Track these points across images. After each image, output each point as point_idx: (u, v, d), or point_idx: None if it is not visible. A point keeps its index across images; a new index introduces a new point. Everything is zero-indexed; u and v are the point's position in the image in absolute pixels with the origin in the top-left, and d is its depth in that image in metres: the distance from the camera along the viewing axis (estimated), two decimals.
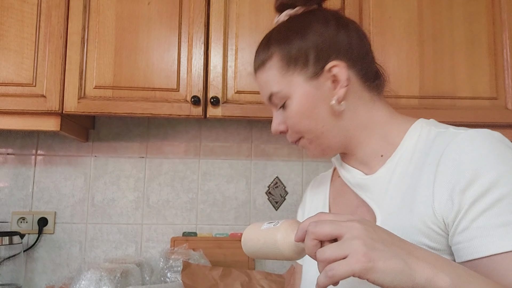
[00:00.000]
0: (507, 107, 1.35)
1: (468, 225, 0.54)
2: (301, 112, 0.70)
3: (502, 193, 0.53)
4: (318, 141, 0.71)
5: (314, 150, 0.73)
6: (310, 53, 0.69)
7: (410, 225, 0.60)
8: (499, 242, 0.51)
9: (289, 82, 0.70)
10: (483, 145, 0.58)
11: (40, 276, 1.57)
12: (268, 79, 0.72)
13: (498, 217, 0.52)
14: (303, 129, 0.71)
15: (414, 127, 0.69)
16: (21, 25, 1.31)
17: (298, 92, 0.69)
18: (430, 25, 1.37)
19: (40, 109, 1.28)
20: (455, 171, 0.57)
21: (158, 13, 1.35)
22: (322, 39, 0.69)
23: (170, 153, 1.65)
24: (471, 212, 0.54)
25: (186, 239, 1.57)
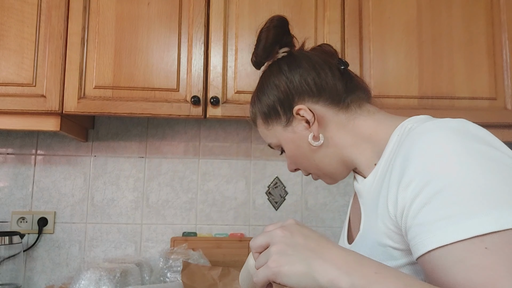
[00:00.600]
0: (506, 107, 1.36)
1: (411, 222, 0.53)
2: (292, 155, 0.78)
3: (439, 186, 0.51)
4: (320, 172, 0.78)
5: (326, 180, 0.80)
6: (276, 105, 0.76)
7: (375, 228, 0.61)
8: (435, 238, 0.49)
9: (274, 133, 0.79)
10: (430, 139, 0.55)
11: (40, 275, 1.57)
12: (262, 133, 0.82)
13: (435, 212, 0.50)
14: (302, 167, 0.80)
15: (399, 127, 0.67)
16: (21, 25, 1.31)
17: (282, 140, 0.78)
18: (429, 26, 1.37)
19: (40, 109, 1.28)
20: (402, 167, 0.56)
21: (158, 13, 1.35)
22: (280, 90, 0.76)
23: (170, 153, 1.65)
24: (412, 209, 0.53)
25: (185, 239, 1.57)
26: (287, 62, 0.77)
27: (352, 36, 1.36)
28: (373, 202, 0.65)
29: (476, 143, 0.54)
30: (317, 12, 1.37)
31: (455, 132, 0.55)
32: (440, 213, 0.50)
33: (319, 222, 1.65)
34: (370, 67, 1.36)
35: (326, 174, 0.78)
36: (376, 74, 1.36)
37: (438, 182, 0.51)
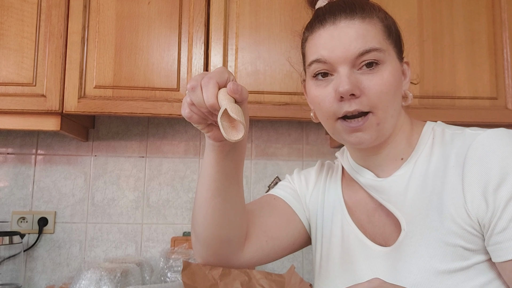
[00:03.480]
0: (507, 107, 1.35)
1: (506, 224, 0.55)
2: (390, 83, 0.65)
3: None
4: (385, 124, 0.66)
5: (374, 134, 0.66)
6: (399, 39, 0.71)
7: (442, 227, 0.60)
8: None
9: (387, 49, 0.67)
10: (505, 143, 0.58)
11: (40, 275, 1.57)
12: (370, 34, 0.65)
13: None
14: (383, 101, 0.64)
15: (426, 129, 0.70)
16: (21, 24, 1.31)
17: (392, 63, 0.67)
18: (430, 25, 1.37)
19: (40, 109, 1.28)
20: (483, 170, 0.58)
21: (158, 12, 1.35)
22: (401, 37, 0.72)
23: (170, 152, 1.65)
24: (508, 211, 0.55)
25: (186, 238, 1.57)
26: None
27: None
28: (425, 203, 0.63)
29: None
30: None
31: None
32: None
33: None
34: None
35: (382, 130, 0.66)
36: None
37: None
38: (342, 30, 0.64)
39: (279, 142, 1.67)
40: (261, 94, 1.33)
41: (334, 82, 0.65)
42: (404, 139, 0.70)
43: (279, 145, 1.67)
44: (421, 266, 0.61)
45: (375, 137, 0.66)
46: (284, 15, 1.36)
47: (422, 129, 0.70)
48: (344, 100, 0.63)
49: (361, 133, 0.65)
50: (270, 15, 1.36)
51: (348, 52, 0.64)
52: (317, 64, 0.66)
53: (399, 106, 0.68)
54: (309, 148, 1.67)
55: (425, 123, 0.72)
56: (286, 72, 1.34)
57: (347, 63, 0.64)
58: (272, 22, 1.36)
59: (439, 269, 0.59)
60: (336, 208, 0.77)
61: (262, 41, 1.35)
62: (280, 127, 1.68)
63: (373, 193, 0.69)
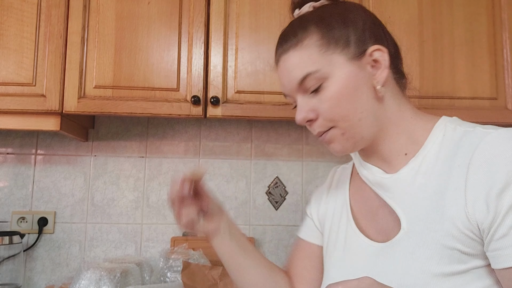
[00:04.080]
0: (507, 107, 1.35)
1: (507, 231, 0.53)
2: (341, 94, 0.65)
3: None
4: (353, 131, 0.66)
5: (345, 143, 0.68)
6: (352, 34, 0.66)
7: (441, 229, 0.59)
8: None
9: (329, 61, 0.65)
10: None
11: (40, 275, 1.57)
12: (303, 59, 0.66)
13: None
14: (340, 114, 0.65)
15: (438, 125, 0.67)
16: (21, 24, 1.31)
17: (339, 73, 0.65)
18: (430, 25, 1.37)
19: (40, 109, 1.28)
20: (488, 173, 0.55)
21: (158, 12, 1.35)
22: (362, 24, 0.68)
23: (170, 152, 1.65)
24: (509, 218, 0.53)
25: (186, 238, 1.57)
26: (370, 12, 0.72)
27: None
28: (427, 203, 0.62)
29: None
30: None
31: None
32: None
33: None
34: None
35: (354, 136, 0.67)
36: None
37: None
38: (282, 67, 0.70)
39: (279, 142, 1.67)
40: (261, 94, 1.33)
41: None
42: (402, 133, 0.68)
43: (279, 145, 1.67)
44: (417, 267, 0.60)
45: (349, 145, 0.68)
46: (284, 15, 1.36)
47: (434, 125, 0.67)
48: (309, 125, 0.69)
49: (332, 144, 0.69)
50: (270, 15, 1.36)
51: (292, 84, 0.68)
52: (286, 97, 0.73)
53: (369, 105, 0.66)
54: (309, 148, 1.67)
55: (439, 118, 0.69)
56: None
57: (297, 93, 0.69)
58: (272, 22, 1.36)
59: (436, 272, 0.58)
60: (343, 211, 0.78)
61: (262, 41, 1.35)
62: (280, 127, 1.68)
63: (378, 190, 0.69)
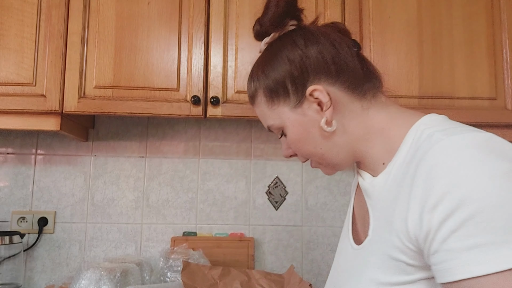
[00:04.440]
0: (506, 107, 1.36)
1: (438, 247, 0.50)
2: (297, 139, 0.71)
3: (471, 211, 0.47)
4: (325, 161, 0.71)
5: (326, 169, 0.74)
6: (287, 82, 0.68)
7: (389, 240, 0.58)
8: (466, 267, 0.47)
9: (278, 114, 0.71)
10: (458, 155, 0.51)
11: (40, 275, 1.57)
12: (261, 113, 0.74)
13: (466, 239, 0.47)
14: (305, 153, 0.72)
15: (412, 129, 0.63)
16: (21, 24, 1.31)
17: (288, 122, 0.70)
18: (429, 25, 1.37)
19: (40, 109, 1.28)
20: (426, 186, 0.52)
21: (158, 12, 1.35)
22: (293, 65, 0.68)
23: (170, 152, 1.65)
24: (440, 233, 0.50)
25: (185, 238, 1.57)
26: (302, 35, 0.70)
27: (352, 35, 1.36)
28: (386, 211, 0.61)
29: (506, 162, 0.50)
30: (317, 11, 1.37)
31: (484, 151, 0.51)
32: (471, 241, 0.47)
33: (319, 222, 1.65)
34: None
35: (330, 164, 0.72)
36: None
37: (469, 206, 0.48)
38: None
39: (279, 142, 1.67)
40: None
41: None
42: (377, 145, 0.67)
43: (279, 145, 1.67)
44: (368, 275, 0.60)
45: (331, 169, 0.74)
46: None
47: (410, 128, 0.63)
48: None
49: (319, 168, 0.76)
50: None
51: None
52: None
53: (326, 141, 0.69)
54: None
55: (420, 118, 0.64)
56: None
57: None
58: None
59: (383, 281, 0.58)
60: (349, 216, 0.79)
61: None
62: None
63: (364, 195, 0.70)
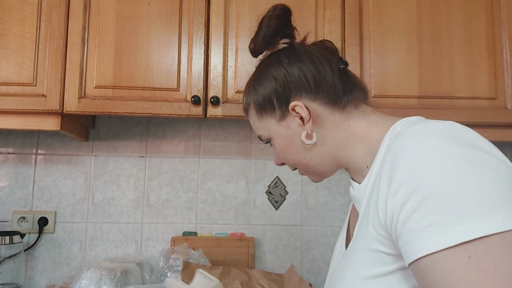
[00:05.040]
0: (506, 107, 1.36)
1: (401, 230, 0.52)
2: (282, 150, 0.77)
3: (426, 193, 0.50)
4: (311, 169, 0.77)
5: (312, 177, 0.79)
6: (272, 98, 0.75)
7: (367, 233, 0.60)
8: (422, 246, 0.49)
9: (266, 126, 0.77)
10: (417, 143, 0.54)
11: (41, 275, 1.57)
12: (253, 124, 0.81)
13: (423, 219, 0.49)
14: (291, 163, 0.78)
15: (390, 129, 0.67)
16: (21, 24, 1.31)
17: (274, 134, 0.77)
18: (429, 25, 1.37)
19: (40, 109, 1.29)
20: (389, 173, 0.55)
21: (158, 13, 1.35)
22: (278, 82, 0.74)
23: (170, 152, 1.65)
24: (401, 216, 0.52)
25: (186, 238, 1.57)
26: (287, 54, 0.76)
27: (352, 35, 1.37)
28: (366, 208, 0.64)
29: (463, 147, 0.52)
30: (317, 11, 1.37)
31: (441, 137, 0.53)
32: (427, 220, 0.49)
33: (319, 221, 1.65)
34: (370, 66, 1.36)
35: (315, 172, 0.77)
36: (376, 73, 1.36)
37: (425, 189, 0.50)
38: None
39: None
40: None
41: None
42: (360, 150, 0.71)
43: None
44: (351, 272, 0.62)
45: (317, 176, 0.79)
46: None
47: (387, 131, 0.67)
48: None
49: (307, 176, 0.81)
50: None
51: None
52: None
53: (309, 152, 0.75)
54: None
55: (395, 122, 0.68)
56: None
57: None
58: None
59: (364, 275, 0.59)
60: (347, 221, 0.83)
61: None
62: None
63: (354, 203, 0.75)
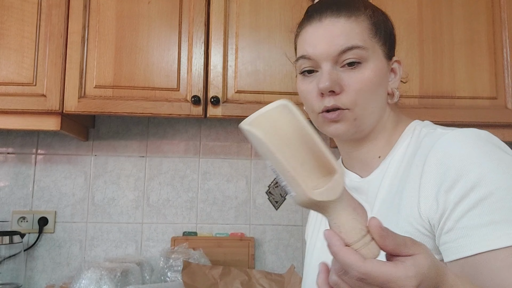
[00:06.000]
0: (507, 106, 1.35)
1: (453, 225, 0.54)
2: (371, 82, 0.66)
3: (485, 192, 0.53)
4: (363, 120, 0.68)
5: (351, 128, 0.68)
6: (388, 37, 0.70)
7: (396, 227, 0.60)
8: (482, 242, 0.51)
9: (372, 46, 0.67)
10: (467, 144, 0.58)
11: (41, 275, 1.57)
12: (354, 31, 0.66)
13: (481, 216, 0.52)
14: (363, 99, 0.66)
15: (408, 128, 0.69)
16: (21, 24, 1.31)
17: (376, 61, 0.67)
18: (430, 25, 1.37)
19: (40, 109, 1.28)
20: (439, 171, 0.57)
21: (158, 12, 1.35)
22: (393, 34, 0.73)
23: (170, 152, 1.65)
24: (456, 212, 0.54)
25: (186, 238, 1.57)
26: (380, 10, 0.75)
27: None
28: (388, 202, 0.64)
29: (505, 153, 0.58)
30: None
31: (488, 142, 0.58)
32: (485, 218, 0.52)
33: None
34: None
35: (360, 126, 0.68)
36: None
37: (483, 189, 0.53)
38: (326, 27, 0.67)
39: None
40: (261, 94, 1.34)
41: (317, 79, 0.67)
42: (385, 137, 0.71)
43: None
44: None
45: (353, 131, 0.68)
46: (284, 15, 1.36)
47: (405, 128, 0.70)
48: (324, 96, 0.66)
49: (338, 124, 0.67)
50: (270, 15, 1.36)
51: (331, 49, 0.66)
52: (303, 60, 0.69)
53: (383, 104, 0.69)
54: None
55: (411, 121, 0.71)
56: (286, 72, 1.34)
57: (329, 60, 0.66)
58: (272, 22, 1.36)
59: None
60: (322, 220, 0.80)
61: (262, 41, 1.35)
62: None
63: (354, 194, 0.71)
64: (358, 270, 0.40)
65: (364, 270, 0.39)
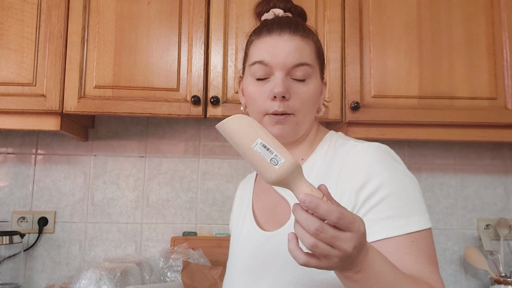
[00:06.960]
0: (506, 107, 1.36)
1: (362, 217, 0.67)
2: (311, 95, 0.78)
3: (385, 194, 0.69)
4: (301, 125, 0.79)
5: (291, 131, 0.79)
6: (323, 61, 0.83)
7: None
8: (382, 231, 0.67)
9: (316, 67, 0.80)
10: (373, 156, 0.73)
11: (40, 275, 1.57)
12: (307, 50, 0.78)
13: (381, 212, 0.68)
14: (305, 108, 0.78)
15: (326, 137, 0.83)
16: (21, 24, 1.31)
17: (317, 79, 0.80)
18: (429, 26, 1.37)
19: (40, 109, 1.29)
20: (352, 177, 0.72)
21: (158, 12, 1.35)
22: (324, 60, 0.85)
23: (170, 152, 1.65)
24: (363, 209, 0.69)
25: (185, 238, 1.57)
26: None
27: (352, 35, 1.36)
28: None
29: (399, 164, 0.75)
30: (317, 11, 1.37)
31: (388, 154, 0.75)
32: (385, 214, 0.69)
33: None
34: (370, 66, 1.36)
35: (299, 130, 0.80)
36: (376, 73, 1.36)
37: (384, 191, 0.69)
38: (285, 41, 0.77)
39: None
40: None
41: (270, 83, 0.77)
42: (308, 142, 0.83)
43: None
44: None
45: (293, 133, 0.79)
46: None
47: (324, 137, 0.83)
48: (275, 100, 0.76)
49: (283, 125, 0.78)
50: None
51: (287, 61, 0.76)
52: (259, 65, 0.77)
53: (314, 115, 0.82)
54: None
55: (328, 131, 0.85)
56: None
57: (284, 70, 0.76)
58: None
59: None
60: (246, 212, 0.88)
61: None
62: None
63: (277, 189, 0.81)
64: (338, 212, 0.49)
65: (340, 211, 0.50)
